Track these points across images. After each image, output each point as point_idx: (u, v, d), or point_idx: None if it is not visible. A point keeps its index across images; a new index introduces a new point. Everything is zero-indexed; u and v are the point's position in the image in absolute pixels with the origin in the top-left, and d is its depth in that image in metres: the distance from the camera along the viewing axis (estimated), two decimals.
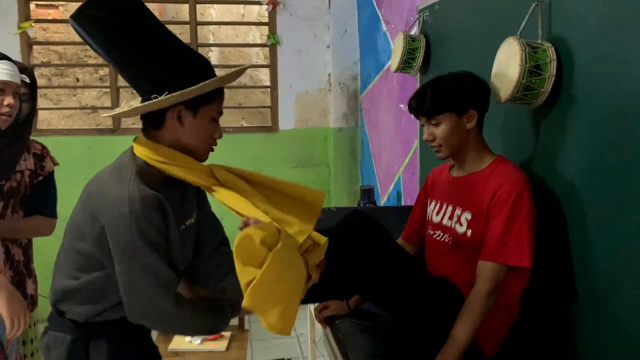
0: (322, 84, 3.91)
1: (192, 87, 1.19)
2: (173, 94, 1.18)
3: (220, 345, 2.37)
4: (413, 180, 2.79)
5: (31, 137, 1.89)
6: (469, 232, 1.54)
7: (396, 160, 3.06)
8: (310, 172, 3.94)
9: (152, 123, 1.26)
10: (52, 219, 1.94)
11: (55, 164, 1.94)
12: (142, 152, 1.25)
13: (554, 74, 1.47)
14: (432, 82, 1.61)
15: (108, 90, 3.80)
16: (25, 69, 1.82)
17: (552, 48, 1.48)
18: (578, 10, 1.42)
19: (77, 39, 4.85)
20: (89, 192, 1.25)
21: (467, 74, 1.60)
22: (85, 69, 4.65)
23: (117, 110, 1.29)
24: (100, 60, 4.48)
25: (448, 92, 1.55)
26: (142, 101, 1.23)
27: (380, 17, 3.27)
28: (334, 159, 3.90)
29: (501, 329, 1.55)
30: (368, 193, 3.01)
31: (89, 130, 3.89)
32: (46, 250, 2.39)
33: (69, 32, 4.60)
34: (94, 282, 1.27)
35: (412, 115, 1.68)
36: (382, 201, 3.33)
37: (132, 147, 1.29)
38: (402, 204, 3.00)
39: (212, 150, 1.34)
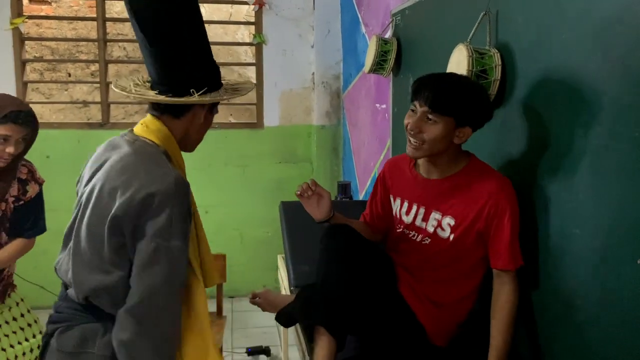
0: (306, 83, 4.03)
1: (235, 92, 1.40)
2: (218, 92, 1.35)
3: None
4: None
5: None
6: (452, 237, 1.55)
7: (372, 157, 3.19)
8: (293, 168, 4.07)
9: (174, 112, 1.34)
10: (32, 240, 2.08)
11: (40, 183, 2.05)
12: (158, 137, 1.33)
13: (499, 78, 1.60)
14: (456, 78, 1.53)
15: (98, 85, 3.91)
16: (31, 115, 1.93)
17: (498, 54, 1.61)
18: (520, 20, 1.55)
19: (70, 34, 4.92)
20: (126, 182, 1.24)
21: (486, 92, 1.57)
22: (77, 64, 4.76)
23: (162, 97, 1.31)
24: (91, 56, 4.60)
25: (463, 102, 1.48)
26: (166, 92, 1.29)
27: (360, 19, 3.39)
28: (317, 155, 4.03)
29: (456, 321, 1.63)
30: (344, 188, 3.13)
31: (79, 124, 4.00)
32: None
33: (61, 28, 4.71)
34: (127, 276, 1.25)
35: (411, 97, 1.56)
36: (361, 196, 3.46)
37: (136, 129, 1.35)
38: None
39: None
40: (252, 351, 3.17)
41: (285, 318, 1.82)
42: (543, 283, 1.48)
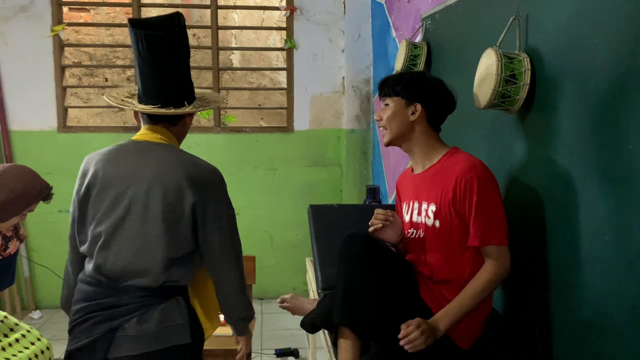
0: (336, 87, 4.05)
1: (205, 103, 1.71)
2: (196, 103, 1.68)
3: (227, 329, 2.52)
4: None
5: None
6: (437, 223, 1.61)
7: (402, 160, 3.19)
8: (323, 172, 4.09)
9: (171, 121, 1.64)
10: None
11: (22, 240, 2.06)
12: (170, 141, 1.64)
13: (528, 82, 1.59)
14: (404, 72, 1.77)
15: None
16: None
17: (528, 58, 1.60)
18: (550, 25, 1.54)
19: (107, 41, 5.08)
20: (190, 177, 1.55)
21: (434, 77, 1.77)
22: (114, 69, 4.89)
23: (180, 110, 1.63)
24: (127, 62, 4.72)
25: (405, 80, 1.70)
26: (166, 104, 1.59)
27: (391, 24, 3.40)
28: (346, 159, 4.04)
29: (477, 323, 1.62)
30: (373, 192, 3.14)
31: (115, 128, 4.11)
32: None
33: (99, 35, 4.85)
34: (191, 253, 1.60)
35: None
36: (390, 199, 3.46)
37: (147, 138, 1.62)
38: None
39: None
40: (281, 353, 3.20)
41: (309, 324, 1.85)
42: (573, 288, 1.46)
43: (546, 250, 1.57)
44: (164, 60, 1.57)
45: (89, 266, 1.58)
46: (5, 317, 2.07)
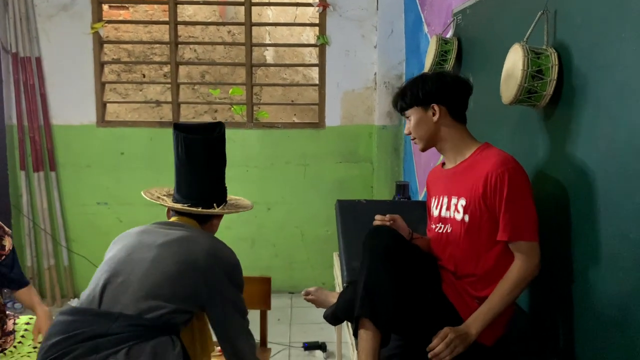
0: (368, 83, 4.05)
1: (235, 208, 1.80)
2: (225, 205, 1.77)
3: None
4: None
5: None
6: (467, 218, 1.62)
7: (433, 157, 3.17)
8: (354, 168, 4.10)
9: (200, 219, 1.72)
10: (30, 286, 2.21)
11: (10, 234, 2.15)
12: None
13: (555, 78, 1.57)
14: (405, 83, 1.81)
15: (170, 85, 4.10)
16: None
17: (555, 54, 1.58)
18: (579, 19, 1.51)
19: (145, 38, 5.17)
20: (214, 250, 1.57)
21: (434, 73, 1.83)
22: (151, 65, 5.01)
23: (207, 210, 1.71)
24: (164, 58, 4.83)
25: (411, 91, 1.74)
26: (193, 204, 1.69)
27: (423, 19, 3.38)
28: (377, 155, 4.04)
29: (501, 321, 1.61)
30: (403, 188, 3.13)
31: (151, 123, 4.21)
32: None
33: (137, 32, 4.97)
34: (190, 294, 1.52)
35: None
36: (420, 196, 3.45)
37: (186, 224, 1.69)
38: None
39: None
40: (309, 346, 3.23)
41: (331, 317, 1.87)
42: (597, 286, 1.44)
43: (571, 248, 1.55)
44: (199, 163, 1.68)
45: (81, 296, 1.51)
46: (31, 318, 2.18)
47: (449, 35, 2.72)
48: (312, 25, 4.25)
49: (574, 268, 1.54)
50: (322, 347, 3.23)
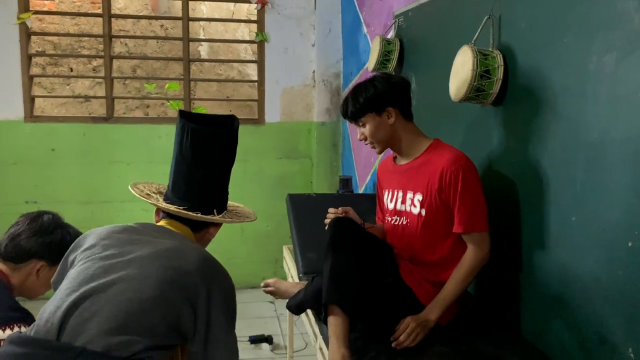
0: (306, 80, 4.13)
1: (237, 216, 1.59)
2: (226, 214, 1.54)
3: None
4: None
5: None
6: (423, 212, 1.73)
7: (372, 153, 3.29)
8: (294, 164, 4.17)
9: (194, 226, 1.48)
10: None
11: None
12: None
13: (501, 77, 1.72)
14: (352, 90, 1.83)
15: (102, 80, 3.98)
16: None
17: (501, 55, 1.73)
18: (522, 24, 1.67)
19: (72, 30, 4.96)
20: (206, 269, 1.31)
21: (380, 76, 1.84)
22: (79, 59, 4.82)
23: (207, 217, 1.48)
24: (93, 52, 4.66)
25: (364, 98, 1.77)
26: (190, 208, 1.44)
27: (362, 20, 3.50)
28: (317, 151, 4.14)
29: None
30: (346, 182, 3.25)
31: (83, 118, 4.06)
32: None
33: (64, 23, 4.76)
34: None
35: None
36: (360, 190, 3.58)
37: (177, 232, 1.44)
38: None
39: None
40: (255, 339, 3.27)
41: (295, 307, 1.94)
42: (541, 265, 1.60)
43: (518, 232, 1.71)
44: (206, 160, 1.46)
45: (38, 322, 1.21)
46: None
47: (390, 36, 2.85)
48: (251, 22, 4.28)
49: (519, 252, 1.70)
50: (268, 339, 3.28)
